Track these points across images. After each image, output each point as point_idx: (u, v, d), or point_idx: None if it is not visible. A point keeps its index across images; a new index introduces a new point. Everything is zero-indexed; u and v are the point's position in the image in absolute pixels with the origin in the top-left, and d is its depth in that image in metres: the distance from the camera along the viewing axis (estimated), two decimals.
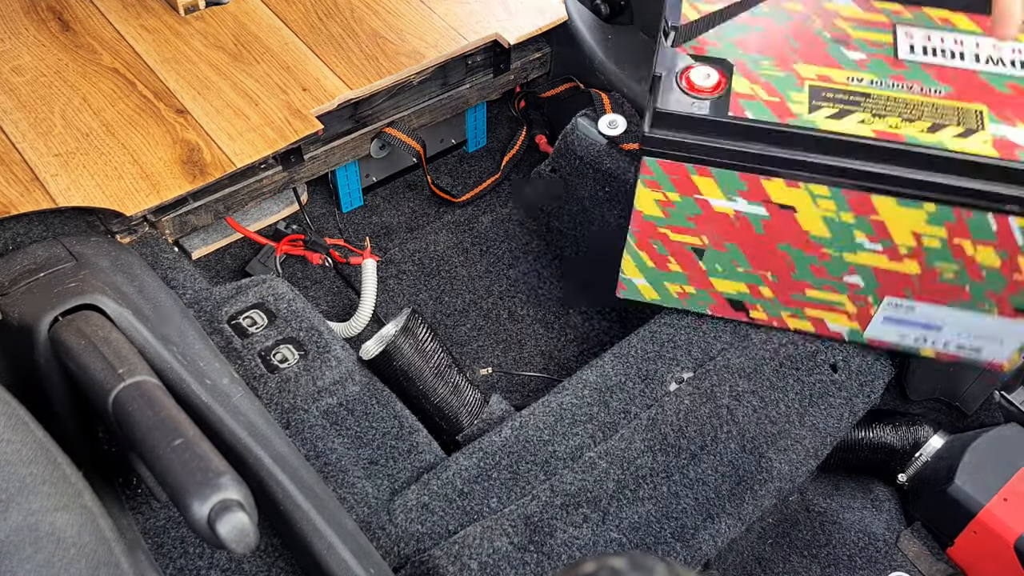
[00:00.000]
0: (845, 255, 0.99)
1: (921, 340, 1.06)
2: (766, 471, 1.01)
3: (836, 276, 1.02)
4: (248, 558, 0.86)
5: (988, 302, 0.99)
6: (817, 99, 0.92)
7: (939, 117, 0.90)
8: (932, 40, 0.96)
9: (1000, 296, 0.98)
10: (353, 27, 1.35)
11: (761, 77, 0.94)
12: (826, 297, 1.05)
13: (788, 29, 0.98)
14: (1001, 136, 0.88)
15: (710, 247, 1.03)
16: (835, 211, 0.95)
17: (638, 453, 0.99)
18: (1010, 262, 0.94)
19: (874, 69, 0.94)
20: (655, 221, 1.02)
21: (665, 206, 1.00)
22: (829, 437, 1.06)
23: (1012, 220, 0.90)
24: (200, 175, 1.13)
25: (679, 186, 0.98)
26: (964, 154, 0.88)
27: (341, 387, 1.03)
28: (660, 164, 0.96)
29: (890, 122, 0.90)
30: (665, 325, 1.10)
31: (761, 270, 1.04)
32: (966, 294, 0.99)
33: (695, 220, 1.01)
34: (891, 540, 1.14)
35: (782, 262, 1.02)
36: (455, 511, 0.93)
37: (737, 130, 0.92)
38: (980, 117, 0.90)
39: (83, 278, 0.90)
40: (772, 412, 1.05)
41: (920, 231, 0.94)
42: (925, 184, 0.90)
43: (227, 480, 0.63)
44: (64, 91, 1.21)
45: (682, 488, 0.98)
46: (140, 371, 0.73)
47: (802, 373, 1.08)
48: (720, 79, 0.94)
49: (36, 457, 0.63)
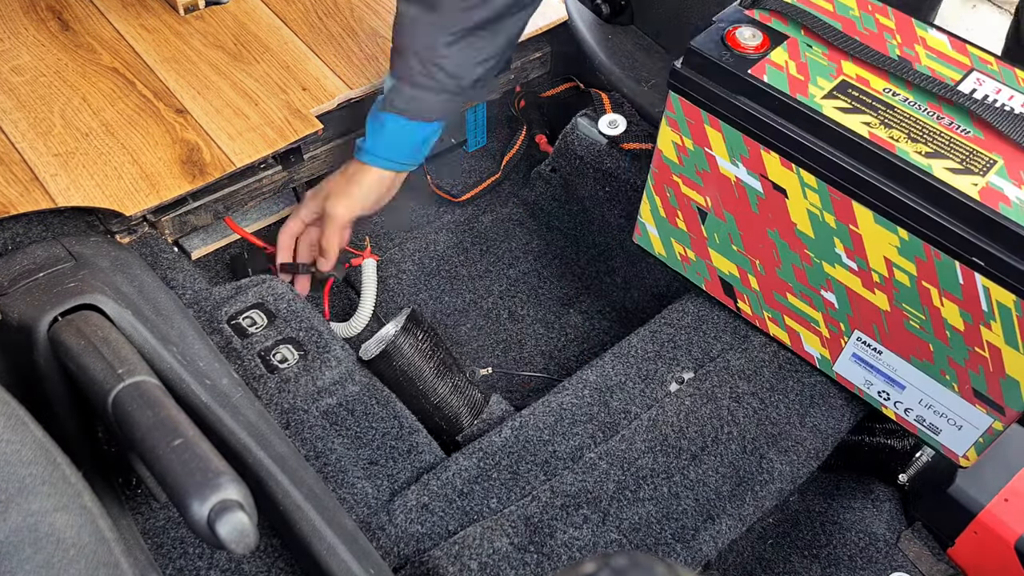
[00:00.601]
0: (824, 264, 0.99)
1: (884, 396, 1.05)
2: (767, 472, 1.01)
3: (815, 287, 1.02)
4: (248, 558, 0.86)
5: (950, 372, 0.96)
6: (840, 92, 0.92)
7: (946, 149, 0.88)
8: (1001, 93, 0.92)
9: (962, 369, 0.95)
10: (353, 26, 1.35)
11: (803, 57, 0.95)
12: (805, 309, 1.05)
13: (864, 33, 0.97)
14: (996, 187, 0.85)
15: (712, 212, 1.06)
16: (820, 208, 0.95)
17: (639, 454, 0.99)
18: (973, 329, 0.91)
19: (918, 92, 0.92)
20: (670, 166, 1.06)
21: (681, 152, 1.03)
22: (830, 438, 1.06)
23: (979, 279, 0.87)
24: (200, 175, 1.13)
25: (694, 132, 1.01)
26: (943, 184, 0.85)
27: (341, 387, 1.03)
28: (681, 103, 1.00)
29: (893, 134, 0.89)
30: (665, 325, 1.10)
31: (752, 255, 1.05)
32: (930, 354, 0.97)
33: (703, 176, 1.03)
34: (892, 540, 1.14)
35: (770, 252, 1.03)
36: (455, 511, 0.93)
37: (747, 88, 0.94)
38: (989, 166, 0.87)
39: (82, 278, 0.90)
40: (773, 413, 1.04)
41: (892, 259, 0.93)
42: (900, 204, 0.88)
43: (227, 480, 0.63)
44: (64, 91, 1.21)
45: (683, 489, 0.98)
46: (140, 371, 0.73)
47: (803, 374, 1.08)
48: (764, 43, 0.96)
49: (35, 457, 0.63)
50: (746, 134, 0.96)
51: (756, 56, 0.95)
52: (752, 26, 0.97)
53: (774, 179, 0.97)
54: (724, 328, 1.10)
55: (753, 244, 1.04)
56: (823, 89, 0.92)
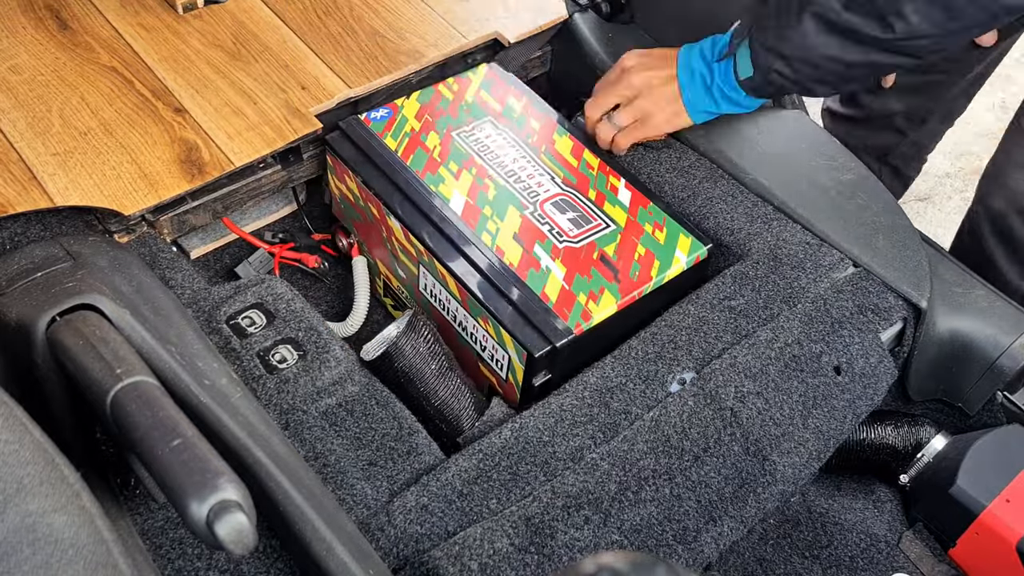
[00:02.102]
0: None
1: None
2: (769, 474, 1.01)
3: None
4: (247, 559, 0.86)
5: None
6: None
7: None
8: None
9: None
10: (352, 25, 1.34)
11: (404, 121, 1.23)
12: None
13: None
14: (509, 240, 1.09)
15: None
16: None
17: (640, 455, 0.98)
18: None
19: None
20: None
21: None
22: (832, 440, 1.06)
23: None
24: (198, 174, 1.12)
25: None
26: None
27: (340, 388, 1.02)
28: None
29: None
30: (666, 326, 1.10)
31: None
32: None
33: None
34: (893, 541, 1.14)
35: None
36: (454, 512, 0.93)
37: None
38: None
39: (81, 278, 0.90)
40: (776, 414, 1.04)
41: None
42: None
43: (226, 481, 0.62)
44: (62, 90, 1.20)
45: (684, 490, 0.98)
46: (138, 371, 0.73)
47: (806, 375, 1.08)
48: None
49: (34, 458, 0.63)
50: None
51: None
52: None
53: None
54: (725, 328, 1.10)
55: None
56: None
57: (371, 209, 1.18)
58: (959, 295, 1.19)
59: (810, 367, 1.08)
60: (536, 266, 1.08)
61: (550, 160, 1.20)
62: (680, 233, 1.14)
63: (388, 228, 1.16)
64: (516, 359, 1.04)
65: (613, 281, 1.07)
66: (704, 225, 1.20)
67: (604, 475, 0.96)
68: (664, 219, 1.15)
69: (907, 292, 1.14)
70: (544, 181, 1.18)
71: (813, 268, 1.15)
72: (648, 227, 1.14)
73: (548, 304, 1.04)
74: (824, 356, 1.09)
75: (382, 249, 1.21)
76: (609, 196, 1.17)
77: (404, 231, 1.13)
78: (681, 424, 1.01)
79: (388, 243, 1.18)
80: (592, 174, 1.19)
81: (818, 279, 1.14)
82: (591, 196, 1.16)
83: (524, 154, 1.21)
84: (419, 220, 1.12)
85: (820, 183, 1.25)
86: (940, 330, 1.16)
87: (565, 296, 1.05)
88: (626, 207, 1.16)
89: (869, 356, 1.11)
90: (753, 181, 1.24)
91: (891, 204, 1.24)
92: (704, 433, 1.01)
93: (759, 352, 1.08)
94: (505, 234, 1.11)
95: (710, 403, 1.03)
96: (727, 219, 1.20)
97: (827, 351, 1.09)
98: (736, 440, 1.01)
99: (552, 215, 1.13)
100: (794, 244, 1.17)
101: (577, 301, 1.05)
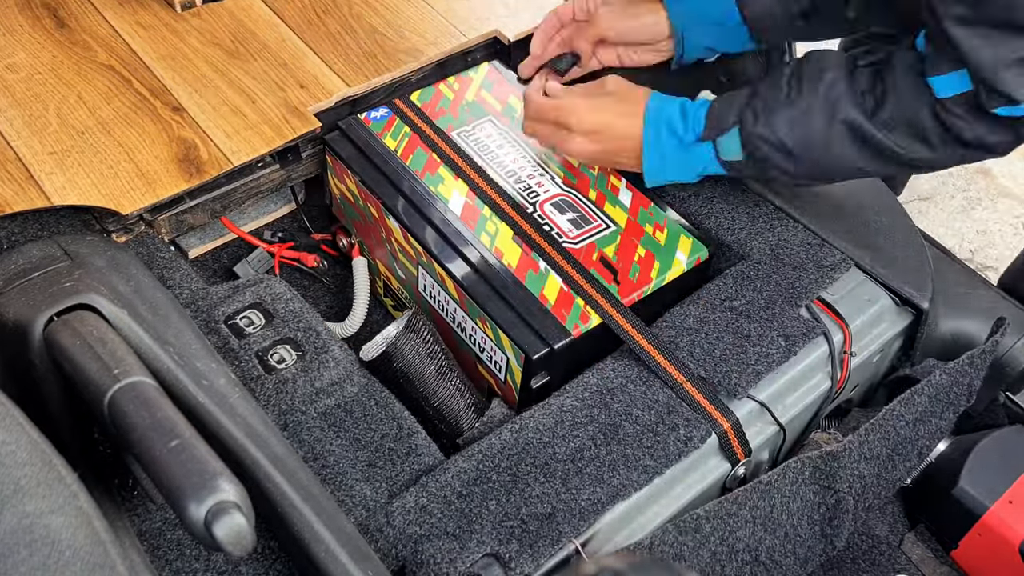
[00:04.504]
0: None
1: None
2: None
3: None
4: (245, 560, 0.86)
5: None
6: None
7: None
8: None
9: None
10: (351, 24, 1.34)
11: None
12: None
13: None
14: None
15: None
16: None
17: (746, 530, 0.98)
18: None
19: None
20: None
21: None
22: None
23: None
24: (196, 173, 1.12)
25: None
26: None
27: (339, 388, 1.02)
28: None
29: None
30: (667, 327, 1.09)
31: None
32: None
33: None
34: (895, 543, 1.14)
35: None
36: (454, 513, 0.92)
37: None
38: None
39: (78, 277, 0.89)
40: (881, 494, 1.03)
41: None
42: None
43: (224, 482, 0.62)
44: (59, 88, 1.20)
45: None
46: (136, 372, 0.73)
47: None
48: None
49: (31, 459, 0.63)
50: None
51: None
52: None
53: None
54: (726, 329, 1.09)
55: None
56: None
57: (370, 209, 1.17)
58: (961, 295, 1.18)
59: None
60: (535, 267, 1.07)
61: (550, 160, 1.20)
62: (681, 234, 1.13)
63: (387, 228, 1.15)
64: (514, 361, 1.03)
65: (612, 283, 1.07)
66: (705, 225, 1.19)
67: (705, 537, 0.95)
68: (665, 220, 1.14)
69: (909, 293, 1.13)
70: (544, 181, 1.17)
71: (814, 268, 1.14)
72: (649, 228, 1.13)
73: (546, 306, 1.04)
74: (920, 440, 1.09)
75: (382, 249, 1.20)
76: (610, 196, 1.16)
77: (403, 232, 1.12)
78: (786, 503, 0.99)
79: (387, 243, 1.17)
80: (593, 174, 1.19)
81: (820, 280, 1.13)
82: (591, 196, 1.16)
83: (524, 154, 1.20)
84: (418, 221, 1.12)
85: None
86: (942, 330, 1.15)
87: (564, 298, 1.05)
88: (627, 208, 1.15)
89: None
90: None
91: (893, 204, 1.24)
92: (811, 518, 1.00)
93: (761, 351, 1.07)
94: (504, 235, 1.10)
95: (824, 491, 1.01)
96: (728, 219, 1.19)
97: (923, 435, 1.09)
98: (844, 526, 1.01)
99: (552, 216, 1.13)
100: (795, 244, 1.17)
101: (576, 303, 1.04)
